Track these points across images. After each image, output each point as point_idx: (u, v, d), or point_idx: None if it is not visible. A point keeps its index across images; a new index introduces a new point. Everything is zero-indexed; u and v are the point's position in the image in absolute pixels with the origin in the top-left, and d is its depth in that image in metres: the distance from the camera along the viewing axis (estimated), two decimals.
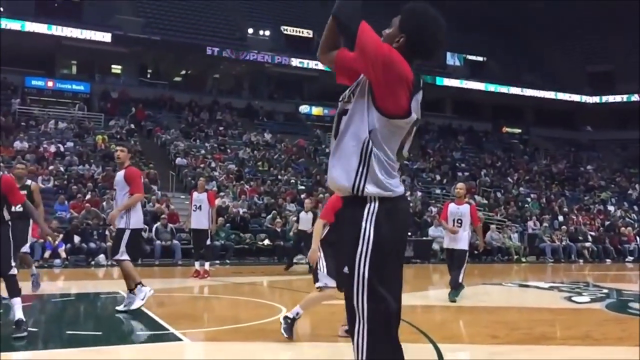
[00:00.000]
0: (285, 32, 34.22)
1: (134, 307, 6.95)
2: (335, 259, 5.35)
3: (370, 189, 2.40)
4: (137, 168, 7.55)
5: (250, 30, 33.13)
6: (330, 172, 2.51)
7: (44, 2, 29.16)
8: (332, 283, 5.62)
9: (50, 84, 27.63)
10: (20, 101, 24.76)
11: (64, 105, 26.63)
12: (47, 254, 13.73)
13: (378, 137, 2.39)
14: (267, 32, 33.35)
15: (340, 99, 2.53)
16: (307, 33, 34.33)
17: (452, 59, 35.87)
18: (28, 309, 7.19)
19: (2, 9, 26.72)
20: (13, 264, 5.96)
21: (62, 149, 20.75)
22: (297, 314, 5.68)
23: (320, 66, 31.38)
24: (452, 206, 9.22)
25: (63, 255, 13.83)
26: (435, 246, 17.74)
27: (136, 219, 7.12)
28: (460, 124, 35.59)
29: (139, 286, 7.00)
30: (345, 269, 2.43)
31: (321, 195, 20.93)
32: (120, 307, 7.10)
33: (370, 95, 2.38)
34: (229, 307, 8.68)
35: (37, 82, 27.37)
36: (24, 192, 7.42)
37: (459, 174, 27.23)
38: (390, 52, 2.34)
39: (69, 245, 14.11)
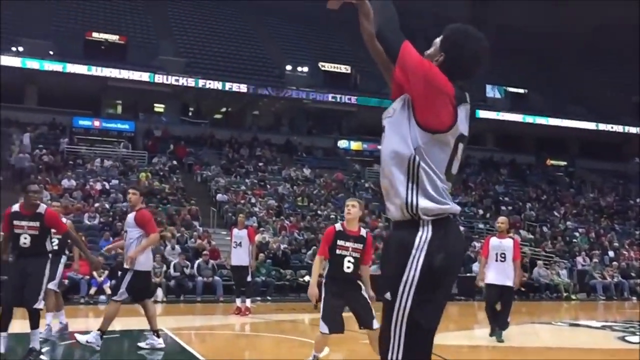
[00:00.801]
0: (322, 68, 34.64)
1: (84, 339, 6.87)
2: (379, 281, 5.32)
3: (424, 203, 2.34)
4: (148, 210, 7.55)
5: (289, 67, 33.67)
6: (383, 191, 2.49)
7: (91, 44, 30.35)
8: (325, 329, 5.54)
9: (96, 123, 28.50)
10: (68, 140, 25.56)
11: (109, 144, 27.39)
12: (92, 291, 13.90)
13: (423, 154, 2.35)
14: (305, 69, 33.82)
15: (383, 116, 2.51)
16: (344, 69, 34.70)
17: (492, 91, 35.60)
18: (74, 346, 7.26)
19: (51, 52, 27.90)
20: (41, 297, 6.07)
21: (107, 186, 21.22)
22: (315, 357, 5.65)
23: (358, 101, 31.77)
24: (494, 240, 8.95)
25: (108, 291, 13.96)
26: (480, 283, 17.24)
27: (144, 261, 7.08)
28: (502, 157, 35.05)
29: (98, 332, 6.91)
30: (387, 295, 2.37)
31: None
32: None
33: (412, 110, 2.37)
34: (270, 345, 8.57)
35: (84, 122, 28.27)
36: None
37: (502, 207, 26.67)
38: (430, 66, 2.36)
39: (113, 282, 14.24)
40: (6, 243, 6.52)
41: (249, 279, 11.88)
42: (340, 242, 5.73)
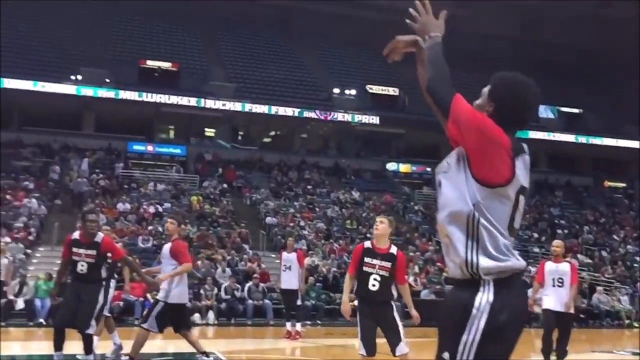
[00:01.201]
0: (370, 90, 34.67)
1: None
2: (440, 342, 5.25)
3: (484, 262, 2.22)
4: (184, 242, 7.52)
5: (336, 90, 33.84)
6: (443, 247, 2.39)
7: (145, 72, 31.34)
8: (363, 351, 5.46)
9: (150, 148, 29.24)
10: (123, 165, 26.30)
11: (162, 168, 28.03)
12: (146, 312, 14.06)
13: (483, 210, 2.24)
14: (353, 92, 33.92)
15: (437, 171, 2.41)
16: (392, 91, 34.62)
17: (545, 112, 34.78)
18: None
19: (107, 80, 28.93)
20: (93, 322, 6.22)
21: (160, 209, 21.66)
22: None
23: (407, 124, 31.60)
24: (549, 265, 8.57)
25: None
26: (537, 309, 16.66)
27: (177, 294, 7.03)
28: (556, 179, 34.07)
29: (127, 357, 6.94)
30: (446, 355, 2.26)
31: (411, 254, 20.48)
32: None
33: (468, 165, 2.27)
34: None
35: (138, 147, 29.05)
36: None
37: (558, 231, 25.83)
38: (483, 119, 2.29)
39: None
40: (65, 267, 6.81)
41: (298, 302, 11.83)
42: (367, 260, 5.67)
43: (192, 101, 29.41)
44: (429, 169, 30.74)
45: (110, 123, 29.04)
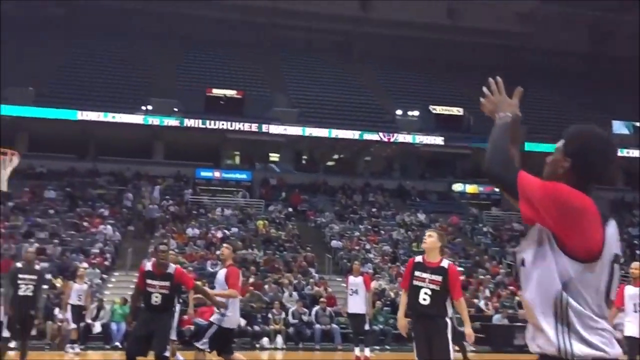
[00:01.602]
0: (434, 111, 34.31)
1: None
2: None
3: (580, 350, 2.03)
4: (237, 268, 7.52)
5: (399, 112, 33.69)
6: (528, 333, 2.20)
7: (211, 100, 32.28)
8: None
9: (217, 174, 29.94)
10: (191, 191, 27.02)
11: (229, 193, 28.61)
12: (200, 333, 14.25)
13: (574, 287, 2.05)
14: (416, 113, 33.66)
15: (518, 250, 2.23)
16: (457, 111, 34.12)
17: (619, 128, 33.34)
18: None
19: (175, 109, 29.97)
20: (169, 346, 6.58)
21: (227, 234, 22.03)
22: None
23: (473, 144, 30.99)
24: (629, 289, 8.01)
25: None
26: (618, 335, 15.76)
27: (231, 319, 7.13)
28: (634, 197, 32.42)
29: None
30: None
31: (481, 277, 19.90)
32: None
33: (555, 242, 2.08)
34: None
35: (206, 173, 29.80)
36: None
37: (638, 252, 24.47)
38: (556, 189, 2.09)
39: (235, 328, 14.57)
40: (138, 296, 7.07)
41: (366, 327, 11.68)
42: (417, 273, 5.62)
43: (257, 127, 30.00)
44: (497, 189, 29.99)
45: (178, 151, 30.00)
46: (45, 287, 15.37)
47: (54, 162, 27.28)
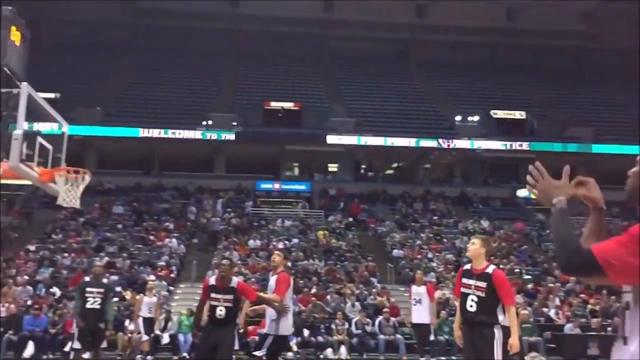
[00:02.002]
0: (495, 115, 33.55)
1: None
2: None
3: None
4: (288, 274, 7.50)
5: (458, 118, 33.13)
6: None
7: (269, 113, 32.76)
8: None
9: (276, 186, 30.26)
10: (252, 203, 27.38)
11: (288, 205, 28.82)
12: (257, 345, 14.31)
13: None
14: (476, 118, 33.01)
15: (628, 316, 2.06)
16: (519, 115, 33.26)
17: None
18: None
19: (234, 123, 30.51)
20: (233, 358, 6.77)
21: (288, 245, 22.15)
22: None
23: (536, 147, 30.09)
24: None
25: (294, 348, 14.32)
26: None
27: (285, 326, 7.10)
28: None
29: None
30: None
31: (550, 285, 19.17)
32: None
33: None
34: None
35: (265, 185, 30.17)
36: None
37: None
38: (636, 240, 1.92)
39: (299, 339, 14.60)
40: (202, 309, 7.22)
41: (431, 337, 11.45)
42: (464, 280, 5.62)
43: (315, 138, 30.16)
44: None
45: (239, 164, 30.53)
46: (115, 299, 15.93)
47: (121, 178, 28.28)
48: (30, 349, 13.72)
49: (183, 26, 38.11)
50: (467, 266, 5.77)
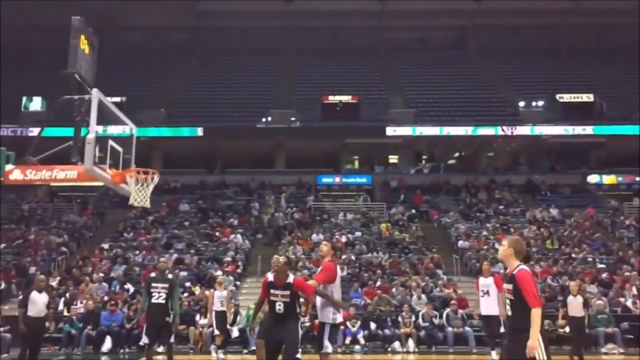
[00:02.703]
0: (561, 99, 32.35)
1: None
2: None
3: None
4: (334, 263, 7.48)
5: (522, 104, 32.17)
6: None
7: (327, 107, 32.78)
8: None
9: (337, 179, 30.28)
10: (314, 198, 27.52)
11: (350, 198, 28.81)
12: (347, 340, 14.36)
13: None
14: (541, 103, 31.96)
15: None
16: (586, 97, 31.94)
17: None
18: None
19: (293, 118, 30.73)
20: (299, 351, 6.79)
21: (351, 238, 22.14)
22: None
23: (606, 131, 28.84)
24: None
25: (362, 341, 14.32)
26: None
27: (339, 314, 7.25)
28: None
29: None
30: None
31: (627, 274, 18.34)
32: None
33: None
34: None
35: (326, 179, 30.25)
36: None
37: None
38: None
39: (366, 332, 14.58)
40: (260, 306, 7.43)
41: (501, 329, 11.16)
42: (504, 285, 5.51)
43: (374, 130, 29.98)
44: (638, 179, 27.63)
45: (299, 159, 30.75)
46: (185, 294, 16.39)
47: (186, 177, 29.03)
48: (108, 343, 14.31)
49: (240, 26, 38.69)
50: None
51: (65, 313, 15.39)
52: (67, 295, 16.52)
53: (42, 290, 9.86)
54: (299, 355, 6.82)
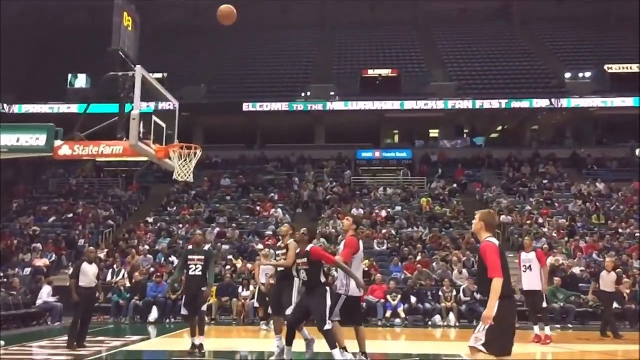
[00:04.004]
0: (609, 70, 31.23)
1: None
2: None
3: None
4: (357, 238, 7.58)
5: (568, 75, 31.21)
6: None
7: (367, 81, 32.46)
8: None
9: (377, 154, 30.11)
10: (350, 173, 27.44)
11: (390, 173, 28.66)
12: (388, 314, 14.45)
13: None
14: (588, 74, 30.94)
15: None
16: (636, 68, 30.72)
17: None
18: None
19: (332, 93, 30.57)
20: (328, 320, 6.93)
21: (391, 213, 22.10)
22: None
23: None
24: None
25: (402, 315, 14.38)
26: None
27: (354, 287, 7.26)
28: None
29: (341, 350, 7.11)
30: None
31: None
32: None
33: None
34: None
35: (366, 154, 30.11)
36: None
37: None
38: None
39: (406, 306, 14.63)
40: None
41: (544, 304, 11.07)
42: None
43: (415, 104, 29.59)
44: None
45: (339, 133, 30.66)
46: (227, 267, 16.73)
47: (226, 152, 29.34)
48: (154, 313, 14.77)
49: (279, 1, 38.45)
50: None
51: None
52: (115, 266, 17.07)
53: (92, 261, 10.20)
54: (328, 327, 6.92)
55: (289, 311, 7.77)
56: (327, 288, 7.25)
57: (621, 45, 33.54)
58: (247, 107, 29.64)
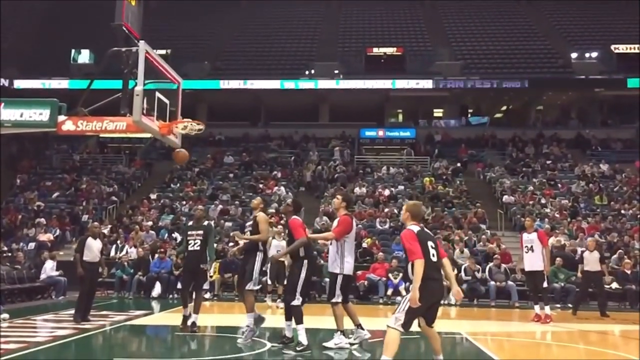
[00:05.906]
0: (616, 50, 30.96)
1: (328, 344, 7.29)
2: None
3: None
4: (350, 216, 7.51)
5: (574, 55, 30.95)
6: None
7: (371, 59, 32.23)
8: None
9: (380, 133, 30.02)
10: (348, 152, 27.33)
11: (393, 152, 28.61)
12: (389, 292, 14.56)
13: None
14: (594, 54, 30.68)
15: None
16: None
17: None
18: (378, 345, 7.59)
19: (336, 71, 30.38)
20: (297, 295, 7.04)
21: (394, 192, 22.12)
22: None
23: None
24: None
25: (404, 293, 14.45)
26: None
27: (349, 265, 7.33)
28: None
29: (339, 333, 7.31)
30: None
31: None
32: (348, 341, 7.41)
33: None
34: (575, 357, 7.81)
35: (370, 133, 30.03)
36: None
37: None
38: None
39: (408, 284, 14.69)
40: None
41: (545, 284, 11.15)
42: None
43: (419, 83, 29.41)
44: None
45: (343, 112, 30.56)
46: (230, 244, 16.81)
47: (230, 129, 29.29)
48: (157, 288, 14.91)
49: None
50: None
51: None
52: (119, 242, 17.18)
53: (97, 236, 10.27)
54: (296, 302, 7.04)
55: (249, 285, 7.78)
56: (305, 261, 7.23)
57: (628, 25, 33.17)
58: (251, 84, 29.54)
